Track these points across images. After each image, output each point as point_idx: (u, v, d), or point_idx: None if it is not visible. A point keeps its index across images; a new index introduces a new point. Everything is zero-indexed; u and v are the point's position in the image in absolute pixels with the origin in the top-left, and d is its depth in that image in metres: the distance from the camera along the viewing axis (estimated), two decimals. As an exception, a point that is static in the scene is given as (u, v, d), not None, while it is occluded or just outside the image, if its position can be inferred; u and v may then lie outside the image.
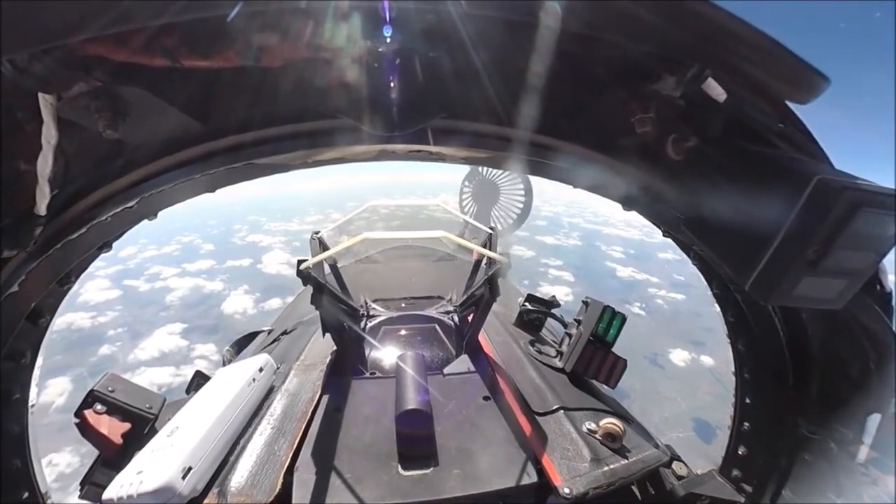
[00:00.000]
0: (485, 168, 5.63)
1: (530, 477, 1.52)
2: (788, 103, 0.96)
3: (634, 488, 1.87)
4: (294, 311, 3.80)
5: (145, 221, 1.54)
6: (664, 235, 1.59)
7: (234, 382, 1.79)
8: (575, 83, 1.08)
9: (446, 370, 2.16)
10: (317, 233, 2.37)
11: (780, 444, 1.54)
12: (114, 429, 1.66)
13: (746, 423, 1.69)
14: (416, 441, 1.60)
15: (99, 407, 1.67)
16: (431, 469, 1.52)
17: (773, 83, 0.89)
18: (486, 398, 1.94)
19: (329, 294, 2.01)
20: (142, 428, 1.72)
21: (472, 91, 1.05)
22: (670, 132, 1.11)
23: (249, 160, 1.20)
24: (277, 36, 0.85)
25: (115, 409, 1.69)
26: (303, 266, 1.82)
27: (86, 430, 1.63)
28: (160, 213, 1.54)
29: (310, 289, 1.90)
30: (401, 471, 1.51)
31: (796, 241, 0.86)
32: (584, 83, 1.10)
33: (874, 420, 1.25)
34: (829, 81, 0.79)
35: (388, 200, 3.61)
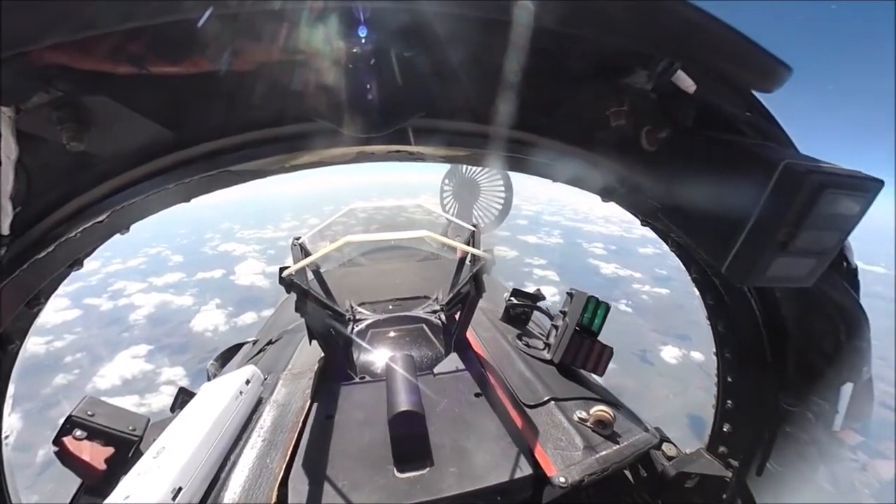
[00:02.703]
0: (464, 166, 5.64)
1: (525, 469, 1.54)
2: (754, 92, 1.00)
3: (627, 472, 1.92)
4: (278, 319, 3.72)
5: (117, 236, 1.48)
6: (642, 224, 1.63)
7: (220, 397, 1.74)
8: (550, 79, 1.10)
9: (436, 370, 2.16)
10: (297, 238, 2.33)
11: (762, 419, 1.61)
12: (96, 454, 1.58)
13: (729, 402, 1.75)
14: (410, 442, 1.60)
15: (79, 433, 1.59)
16: (427, 469, 1.52)
17: (738, 73, 0.93)
18: (477, 395, 1.95)
19: (313, 300, 1.98)
20: (126, 451, 1.65)
21: (449, 89, 1.05)
22: (644, 124, 1.14)
23: (225, 167, 1.17)
24: (250, 39, 0.83)
25: (96, 434, 1.62)
26: (285, 273, 1.79)
27: (66, 457, 1.55)
28: (132, 227, 1.49)
29: (293, 296, 1.86)
30: (396, 473, 1.50)
31: (767, 223, 0.90)
32: (560, 79, 1.11)
33: (847, 389, 1.33)
34: (792, 70, 0.82)
35: (368, 203, 3.59)
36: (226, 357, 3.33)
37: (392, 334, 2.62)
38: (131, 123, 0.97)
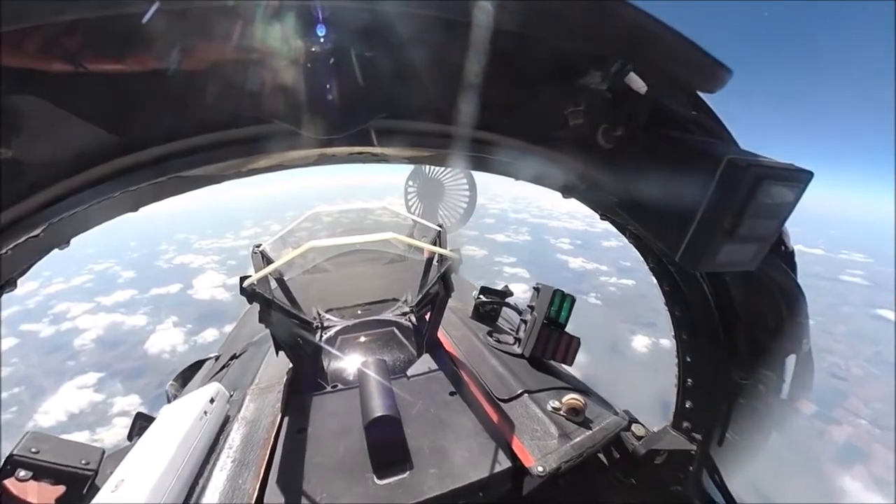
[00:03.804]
0: (428, 166, 5.64)
1: (504, 463, 1.57)
2: (700, 93, 1.07)
3: (601, 455, 2.00)
4: (241, 332, 3.56)
5: (55, 251, 1.35)
6: (602, 219, 1.70)
7: (183, 419, 1.64)
8: (511, 80, 1.12)
9: (409, 372, 2.15)
10: (258, 246, 2.25)
11: (719, 394, 1.73)
12: (45, 494, 1.44)
13: (689, 380, 1.86)
14: (387, 448, 1.58)
15: (22, 473, 1.44)
16: (408, 473, 1.51)
17: (684, 75, 0.99)
18: (451, 394, 1.96)
19: (278, 309, 1.92)
20: (79, 488, 1.51)
21: (411, 90, 1.05)
22: (600, 123, 1.18)
23: (176, 173, 1.09)
24: (201, 37, 0.78)
25: (43, 473, 1.47)
26: (246, 283, 1.72)
27: (10, 502, 1.40)
28: (73, 240, 1.37)
29: (256, 307, 1.79)
30: (376, 480, 1.48)
31: (714, 213, 0.96)
32: (520, 79, 1.14)
33: (791, 360, 1.47)
34: (732, 73, 0.89)
35: (331, 207, 3.51)
36: (186, 376, 3.14)
37: (362, 339, 2.58)
38: (68, 127, 0.89)
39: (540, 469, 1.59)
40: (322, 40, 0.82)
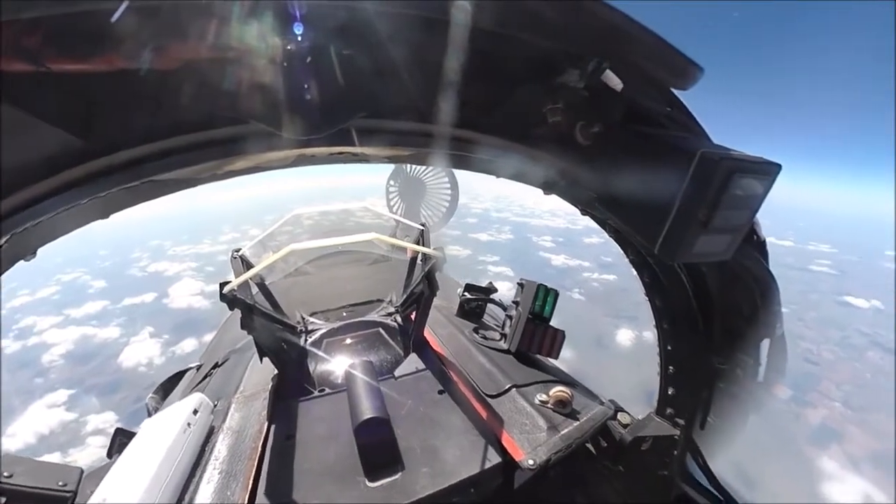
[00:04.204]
0: (409, 166, 5.62)
1: (495, 458, 1.58)
2: (673, 90, 1.10)
3: (589, 444, 2.03)
4: (223, 340, 3.47)
5: (21, 263, 1.29)
6: (582, 214, 1.73)
7: (166, 432, 1.58)
8: (490, 78, 1.12)
9: (397, 372, 2.15)
10: (237, 250, 2.20)
11: (700, 380, 1.79)
12: None
13: (671, 367, 1.92)
14: (378, 450, 1.58)
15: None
16: (399, 474, 1.51)
17: (658, 73, 1.02)
18: (440, 392, 1.97)
19: (260, 315, 1.88)
20: None
21: (391, 89, 1.04)
22: (578, 120, 1.20)
23: (148, 177, 1.05)
24: (173, 35, 0.75)
25: (19, 497, 1.40)
26: (226, 289, 1.68)
27: None
28: (40, 250, 1.30)
29: (238, 313, 1.75)
30: (368, 483, 1.48)
31: (690, 206, 1.00)
32: (499, 78, 1.15)
33: (765, 345, 1.54)
34: (703, 71, 0.92)
35: (312, 208, 3.45)
36: (167, 388, 3.03)
37: (348, 342, 2.56)
38: (31, 130, 0.85)
39: (530, 462, 1.62)
40: (299, 39, 0.81)
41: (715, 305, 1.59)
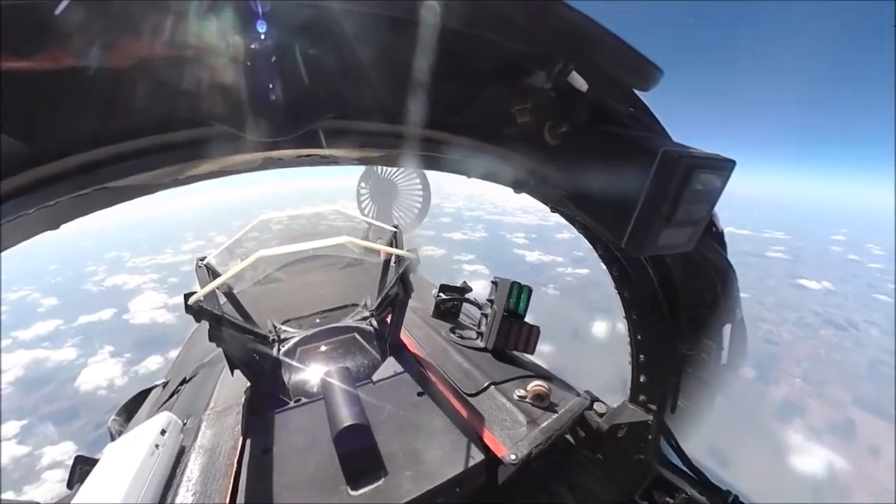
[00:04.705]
0: (380, 167, 5.57)
1: (477, 456, 1.59)
2: (636, 91, 1.14)
3: (568, 436, 2.09)
4: (190, 354, 3.32)
5: None
6: (552, 211, 1.77)
7: (132, 456, 1.48)
8: (459, 78, 1.13)
9: (375, 377, 2.12)
10: (202, 259, 2.11)
11: (669, 366, 1.87)
12: None
13: (642, 356, 1.99)
14: (360, 457, 1.55)
15: None
16: (382, 480, 1.49)
17: (620, 74, 1.06)
18: (419, 394, 1.96)
19: (229, 325, 1.81)
20: None
21: (360, 89, 1.02)
22: (546, 120, 1.23)
23: (102, 184, 0.98)
24: (125, 31, 0.71)
25: None
26: (192, 300, 1.60)
27: None
28: None
29: (205, 325, 1.68)
30: (351, 492, 1.45)
31: (654, 201, 1.04)
32: (468, 78, 1.15)
33: (727, 330, 1.64)
34: (663, 72, 0.97)
35: (280, 213, 3.34)
36: (131, 408, 2.84)
37: (323, 349, 2.50)
38: None
39: (512, 457, 1.64)
40: (263, 37, 0.78)
41: (679, 295, 1.67)
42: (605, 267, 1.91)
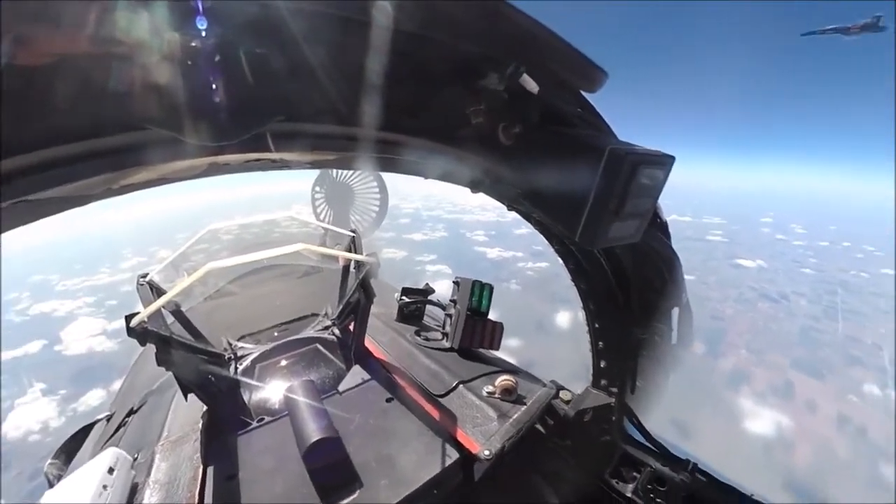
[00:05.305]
0: (334, 171, 5.44)
1: (452, 455, 1.60)
2: (582, 92, 1.20)
3: (538, 426, 2.15)
4: (136, 382, 3.06)
5: None
6: (508, 209, 1.81)
7: (76, 501, 1.34)
8: (413, 80, 1.13)
9: (341, 387, 2.06)
10: (144, 276, 1.97)
11: (625, 350, 2.00)
12: None
13: (601, 343, 2.10)
14: (332, 471, 1.50)
15: None
16: (358, 492, 1.45)
17: (567, 76, 1.11)
18: (388, 400, 1.93)
19: (179, 347, 1.68)
20: None
21: (310, 91, 0.99)
22: (500, 121, 1.26)
23: (22, 196, 0.86)
24: (41, 23, 0.63)
25: None
26: (134, 321, 1.48)
27: None
28: None
29: (151, 348, 1.55)
30: None
31: (603, 197, 1.10)
32: (422, 80, 1.16)
33: (675, 312, 1.77)
34: (608, 75, 1.02)
35: (230, 222, 3.16)
36: (70, 449, 2.52)
37: (284, 363, 2.40)
38: None
39: (486, 453, 1.66)
40: (203, 34, 0.73)
41: (631, 283, 1.78)
42: (561, 261, 1.98)
